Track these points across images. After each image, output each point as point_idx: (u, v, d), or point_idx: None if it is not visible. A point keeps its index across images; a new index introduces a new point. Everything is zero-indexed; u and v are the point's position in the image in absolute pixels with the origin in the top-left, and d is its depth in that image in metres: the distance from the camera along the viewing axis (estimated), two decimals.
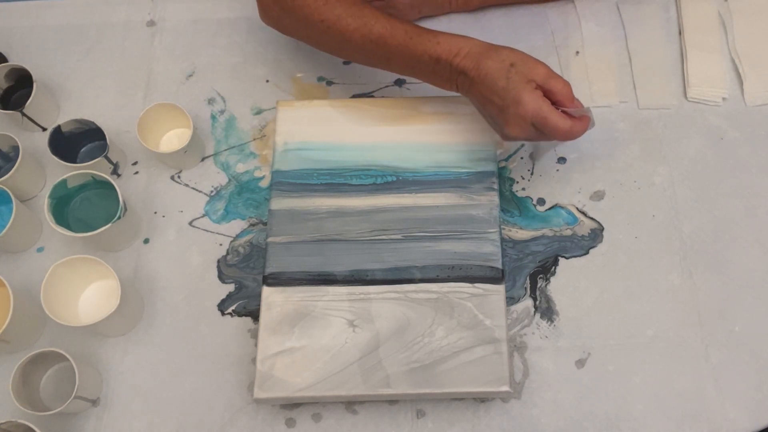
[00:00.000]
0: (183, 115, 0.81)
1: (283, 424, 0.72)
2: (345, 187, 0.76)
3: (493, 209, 0.74)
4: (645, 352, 0.73)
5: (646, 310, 0.75)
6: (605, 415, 0.71)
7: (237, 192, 0.83)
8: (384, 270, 0.71)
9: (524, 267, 0.77)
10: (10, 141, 0.80)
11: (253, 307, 0.77)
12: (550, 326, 0.75)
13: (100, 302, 0.76)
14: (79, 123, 0.81)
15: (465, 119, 0.78)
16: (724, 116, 0.84)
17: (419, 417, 0.72)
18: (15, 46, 0.92)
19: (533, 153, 0.83)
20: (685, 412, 0.71)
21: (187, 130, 0.81)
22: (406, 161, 0.77)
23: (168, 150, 0.81)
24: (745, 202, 0.80)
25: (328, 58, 0.90)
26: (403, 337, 0.68)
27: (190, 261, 0.80)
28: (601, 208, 0.80)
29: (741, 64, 0.86)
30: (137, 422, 0.73)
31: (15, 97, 0.88)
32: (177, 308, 0.78)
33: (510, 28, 0.90)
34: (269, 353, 0.68)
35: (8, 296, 0.71)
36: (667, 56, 0.88)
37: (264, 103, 0.88)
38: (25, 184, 0.82)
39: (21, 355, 0.70)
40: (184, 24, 0.93)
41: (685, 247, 0.78)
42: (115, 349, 0.76)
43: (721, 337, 0.74)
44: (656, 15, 0.90)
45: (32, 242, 0.81)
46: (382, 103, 0.80)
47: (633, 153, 0.83)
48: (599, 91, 0.86)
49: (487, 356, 0.67)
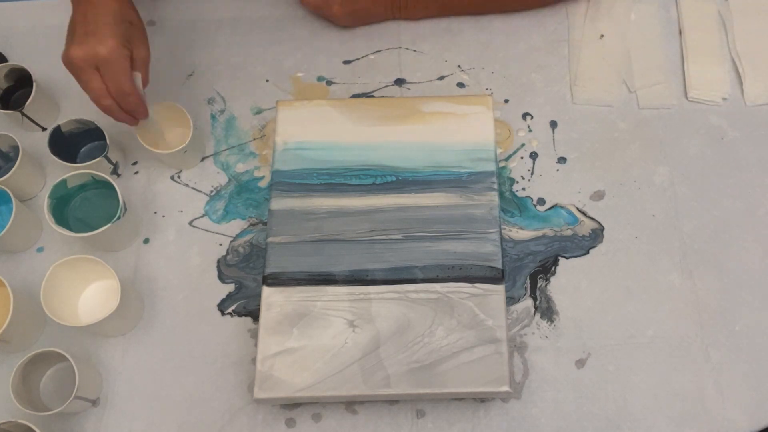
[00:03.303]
0: (183, 115, 0.81)
1: (283, 424, 0.72)
2: (345, 187, 0.76)
3: (493, 209, 0.74)
4: (645, 352, 0.73)
5: (646, 310, 0.75)
6: (605, 415, 0.71)
7: (237, 192, 0.83)
8: (384, 270, 0.71)
9: (524, 267, 0.77)
10: (10, 141, 0.80)
11: (253, 307, 0.77)
12: (550, 326, 0.75)
13: (100, 302, 0.76)
14: (79, 123, 0.81)
15: (465, 119, 0.78)
16: (724, 116, 0.84)
17: (419, 417, 0.72)
18: (15, 46, 0.92)
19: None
20: (685, 412, 0.71)
21: (187, 130, 0.81)
22: (405, 161, 0.76)
23: (168, 150, 0.81)
24: (745, 202, 0.80)
25: (328, 58, 0.90)
26: (403, 337, 0.68)
27: (190, 261, 0.80)
28: (601, 208, 0.80)
29: (741, 64, 0.86)
30: (137, 422, 0.73)
31: (15, 97, 0.87)
32: (177, 308, 0.78)
33: (510, 28, 0.90)
34: (269, 353, 0.68)
35: (8, 296, 0.71)
36: (667, 56, 0.88)
37: (264, 103, 0.88)
38: (25, 184, 0.82)
39: (21, 355, 0.70)
40: (184, 24, 0.93)
41: (685, 247, 0.78)
42: (115, 349, 0.76)
43: (721, 337, 0.74)
44: (656, 15, 0.90)
45: (32, 242, 0.81)
46: (382, 103, 0.80)
47: (633, 153, 0.83)
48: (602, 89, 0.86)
49: (487, 356, 0.67)
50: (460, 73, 0.88)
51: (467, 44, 0.90)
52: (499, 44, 0.89)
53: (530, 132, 0.84)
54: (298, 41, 0.91)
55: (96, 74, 0.70)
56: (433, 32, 0.90)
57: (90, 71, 0.70)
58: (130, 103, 0.72)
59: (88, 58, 0.69)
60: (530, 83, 0.87)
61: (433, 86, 0.87)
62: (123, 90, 0.70)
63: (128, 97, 0.71)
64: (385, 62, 0.89)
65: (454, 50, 0.89)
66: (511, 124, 0.85)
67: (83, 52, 0.69)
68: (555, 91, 0.87)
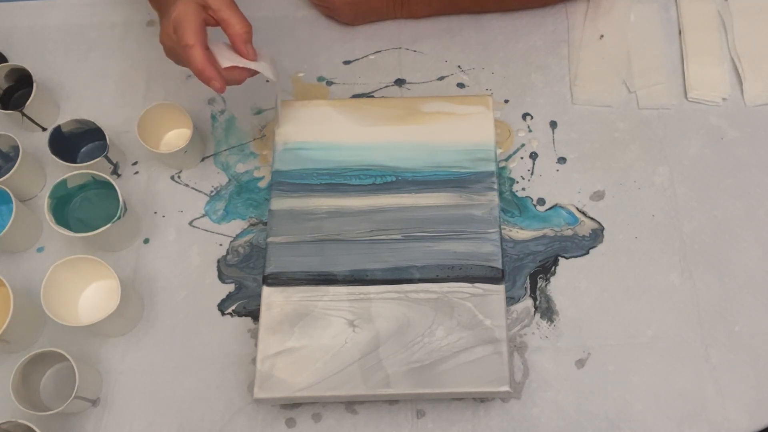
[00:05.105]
0: (183, 115, 0.81)
1: (283, 424, 0.72)
2: (345, 187, 0.76)
3: (493, 209, 0.74)
4: (645, 352, 0.73)
5: (646, 310, 0.75)
6: (605, 415, 0.71)
7: (237, 192, 0.83)
8: (384, 270, 0.71)
9: (524, 267, 0.77)
10: (10, 141, 0.80)
11: (253, 307, 0.77)
12: (550, 326, 0.75)
13: (100, 302, 0.76)
14: (79, 123, 0.81)
15: (465, 119, 0.78)
16: (724, 116, 0.84)
17: (419, 417, 0.72)
18: (15, 46, 0.92)
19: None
20: (685, 412, 0.71)
21: (187, 130, 0.81)
22: (406, 161, 0.76)
23: (168, 150, 0.81)
24: (745, 202, 0.80)
25: (328, 58, 0.90)
26: (403, 337, 0.68)
27: (190, 261, 0.80)
28: (601, 208, 0.80)
29: (741, 64, 0.86)
30: (137, 422, 0.73)
31: (15, 97, 0.88)
32: (177, 308, 0.78)
33: (510, 28, 0.90)
34: (269, 353, 0.68)
35: (8, 296, 0.71)
36: (667, 56, 0.88)
37: (264, 103, 0.88)
38: (25, 184, 0.82)
39: (21, 355, 0.70)
40: None
41: (685, 247, 0.78)
42: (115, 349, 0.76)
43: (721, 337, 0.74)
44: (656, 15, 0.90)
45: (32, 242, 0.81)
46: (382, 103, 0.80)
47: (633, 153, 0.83)
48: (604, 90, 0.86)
49: (487, 356, 0.67)
50: (460, 73, 0.88)
51: (467, 44, 0.90)
52: (499, 44, 0.89)
53: (530, 132, 0.85)
54: (298, 41, 0.91)
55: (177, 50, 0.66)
56: (433, 32, 0.90)
57: (177, 45, 0.66)
58: (193, 59, 0.65)
59: (168, 33, 0.66)
60: (530, 83, 0.87)
61: (433, 86, 0.87)
62: (183, 41, 0.65)
63: (189, 49, 0.65)
64: (385, 62, 0.89)
65: (454, 50, 0.89)
66: (511, 124, 0.85)
67: (163, 33, 0.67)
68: (555, 91, 0.87)
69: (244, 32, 0.67)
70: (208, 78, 0.66)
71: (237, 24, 0.67)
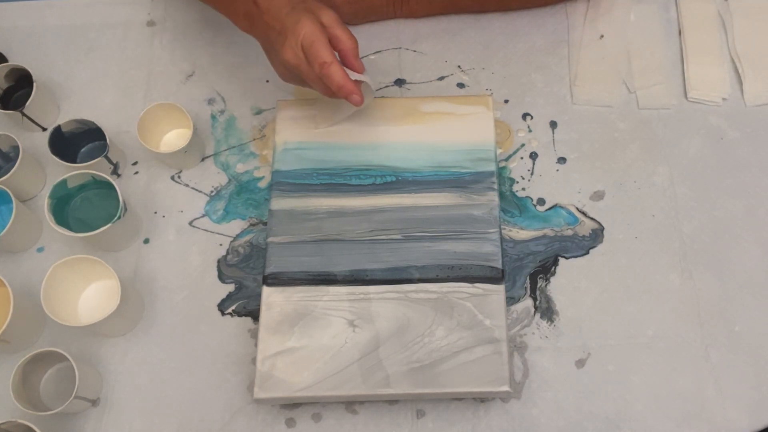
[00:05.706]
0: (183, 115, 0.81)
1: (283, 424, 0.72)
2: (345, 187, 0.76)
3: (493, 209, 0.74)
4: (645, 352, 0.73)
5: (646, 310, 0.75)
6: (605, 415, 0.71)
7: (237, 192, 0.83)
8: (384, 270, 0.71)
9: (524, 267, 0.77)
10: (10, 141, 0.80)
11: (253, 307, 0.77)
12: (550, 326, 0.75)
13: (100, 302, 0.76)
14: (79, 123, 0.81)
15: (465, 119, 0.78)
16: (724, 116, 0.84)
17: (419, 417, 0.72)
18: (15, 46, 0.92)
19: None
20: (685, 412, 0.71)
21: (187, 130, 0.81)
22: (405, 161, 0.77)
23: (168, 150, 0.81)
24: (745, 202, 0.80)
25: None
26: (403, 337, 0.68)
27: (190, 261, 0.80)
28: (601, 208, 0.80)
29: (741, 64, 0.86)
30: (137, 422, 0.73)
31: (15, 97, 0.88)
32: (177, 308, 0.78)
33: (510, 28, 0.90)
34: (269, 353, 0.68)
35: (8, 296, 0.71)
36: (667, 56, 0.88)
37: (264, 103, 0.88)
38: (25, 184, 0.82)
39: (21, 355, 0.70)
40: (184, 24, 0.93)
41: (685, 247, 0.78)
42: (115, 349, 0.76)
43: (721, 337, 0.74)
44: (656, 15, 0.90)
45: (32, 242, 0.81)
46: (381, 103, 0.80)
47: (633, 153, 0.83)
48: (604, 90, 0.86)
49: (487, 356, 0.67)
50: (460, 73, 0.88)
51: (467, 44, 0.90)
52: (499, 44, 0.89)
53: (530, 132, 0.85)
54: None
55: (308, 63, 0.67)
56: (433, 33, 0.90)
57: (305, 64, 0.68)
58: (334, 75, 0.67)
59: (295, 53, 0.67)
60: (530, 83, 0.87)
61: (433, 86, 0.87)
62: (320, 59, 0.66)
63: (328, 67, 0.66)
64: (385, 62, 0.89)
65: (454, 50, 0.89)
66: (511, 124, 0.85)
67: (289, 52, 0.68)
68: (555, 91, 0.87)
69: (353, 47, 0.70)
70: (350, 92, 0.68)
71: (348, 40, 0.70)
